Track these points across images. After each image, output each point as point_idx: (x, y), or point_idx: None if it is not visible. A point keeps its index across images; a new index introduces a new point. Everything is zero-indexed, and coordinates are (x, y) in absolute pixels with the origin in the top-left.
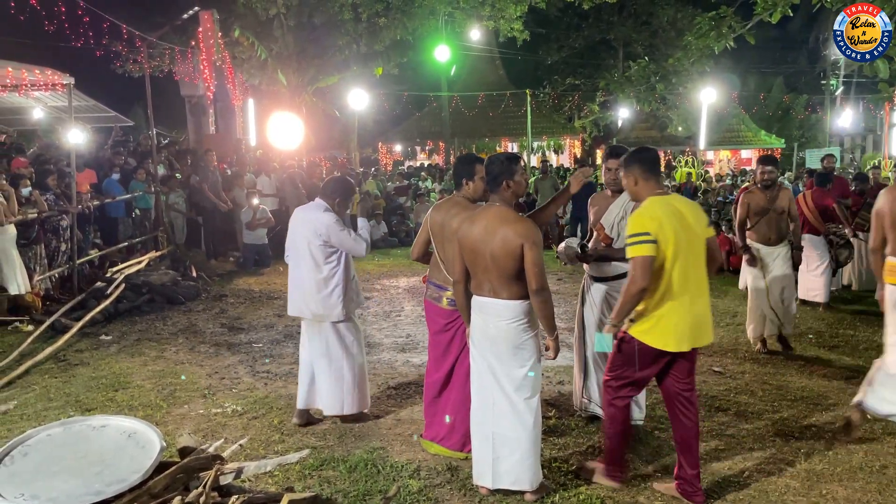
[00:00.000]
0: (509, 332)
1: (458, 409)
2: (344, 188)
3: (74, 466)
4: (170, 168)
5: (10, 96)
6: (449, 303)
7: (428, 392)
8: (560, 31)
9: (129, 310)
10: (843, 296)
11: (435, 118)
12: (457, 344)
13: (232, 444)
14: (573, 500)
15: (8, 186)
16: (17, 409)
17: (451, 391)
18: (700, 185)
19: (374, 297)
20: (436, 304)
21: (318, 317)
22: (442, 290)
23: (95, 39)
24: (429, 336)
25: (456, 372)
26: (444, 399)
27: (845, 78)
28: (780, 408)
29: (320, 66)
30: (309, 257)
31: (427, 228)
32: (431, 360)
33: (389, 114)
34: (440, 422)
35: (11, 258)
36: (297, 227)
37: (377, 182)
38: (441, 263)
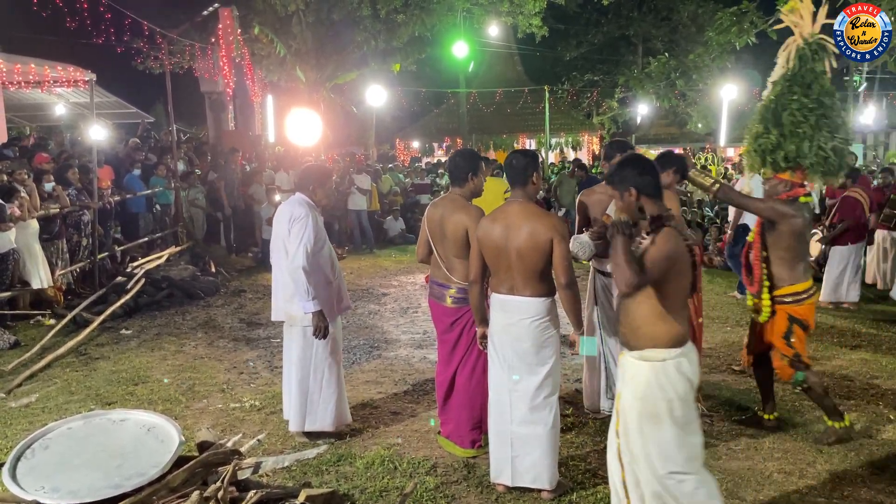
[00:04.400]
0: (532, 329)
1: (462, 407)
2: (317, 175)
3: (94, 459)
4: (189, 164)
5: (33, 93)
6: (453, 301)
7: (440, 390)
8: (579, 27)
9: (149, 304)
10: (867, 295)
11: (452, 115)
12: (463, 342)
13: (250, 439)
14: (590, 498)
15: (30, 182)
16: (38, 402)
17: (457, 389)
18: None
19: (392, 293)
20: (440, 302)
21: (289, 318)
22: (445, 288)
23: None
24: (437, 335)
25: (460, 371)
26: (454, 397)
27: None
28: (800, 408)
29: (338, 63)
30: (284, 252)
31: (425, 228)
32: (441, 358)
33: (407, 110)
34: (451, 419)
35: (34, 253)
36: (276, 223)
37: (394, 176)
38: (440, 261)
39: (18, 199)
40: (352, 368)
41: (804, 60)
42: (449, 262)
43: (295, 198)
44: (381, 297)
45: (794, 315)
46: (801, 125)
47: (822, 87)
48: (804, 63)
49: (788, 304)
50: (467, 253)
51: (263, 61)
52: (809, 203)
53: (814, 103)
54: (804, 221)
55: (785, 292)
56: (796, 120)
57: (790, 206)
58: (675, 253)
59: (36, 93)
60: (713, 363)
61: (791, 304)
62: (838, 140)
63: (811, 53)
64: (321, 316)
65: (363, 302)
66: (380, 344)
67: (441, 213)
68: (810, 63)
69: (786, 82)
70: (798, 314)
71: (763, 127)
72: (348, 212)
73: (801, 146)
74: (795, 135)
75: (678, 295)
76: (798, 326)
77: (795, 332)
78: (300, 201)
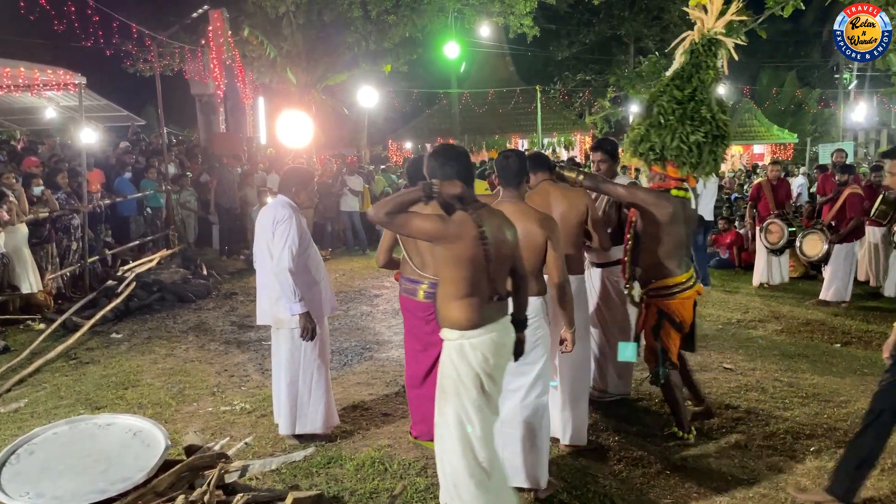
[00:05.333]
0: None
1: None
2: (298, 177)
3: (80, 465)
4: (181, 167)
5: (22, 96)
6: (425, 295)
7: (413, 390)
8: (570, 27)
9: (140, 308)
10: (857, 291)
11: (445, 115)
12: (438, 335)
13: (239, 441)
14: (581, 498)
15: (18, 186)
16: (27, 407)
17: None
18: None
19: (384, 294)
20: (412, 297)
21: (276, 321)
22: (416, 283)
23: (106, 39)
24: (405, 331)
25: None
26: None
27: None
28: (791, 405)
29: (329, 64)
30: (267, 254)
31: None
32: (410, 354)
33: (399, 111)
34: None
35: (23, 257)
36: (259, 227)
37: (387, 177)
38: (409, 260)
39: (7, 203)
40: (343, 370)
41: (695, 55)
42: (422, 257)
43: (277, 200)
44: (372, 298)
45: (664, 309)
46: (669, 118)
47: (702, 83)
48: (694, 57)
49: (659, 298)
50: None
51: (254, 63)
52: (686, 198)
53: (685, 97)
54: (673, 213)
55: (655, 286)
56: (664, 113)
57: (653, 195)
58: (442, 234)
59: (25, 96)
60: (703, 361)
61: (661, 297)
62: (699, 135)
63: (703, 49)
64: (308, 317)
65: (355, 303)
66: (371, 345)
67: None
68: (703, 58)
69: (670, 77)
70: (668, 308)
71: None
72: (340, 213)
73: (665, 138)
74: (661, 127)
75: (458, 282)
76: (668, 322)
77: (664, 327)
78: (283, 203)
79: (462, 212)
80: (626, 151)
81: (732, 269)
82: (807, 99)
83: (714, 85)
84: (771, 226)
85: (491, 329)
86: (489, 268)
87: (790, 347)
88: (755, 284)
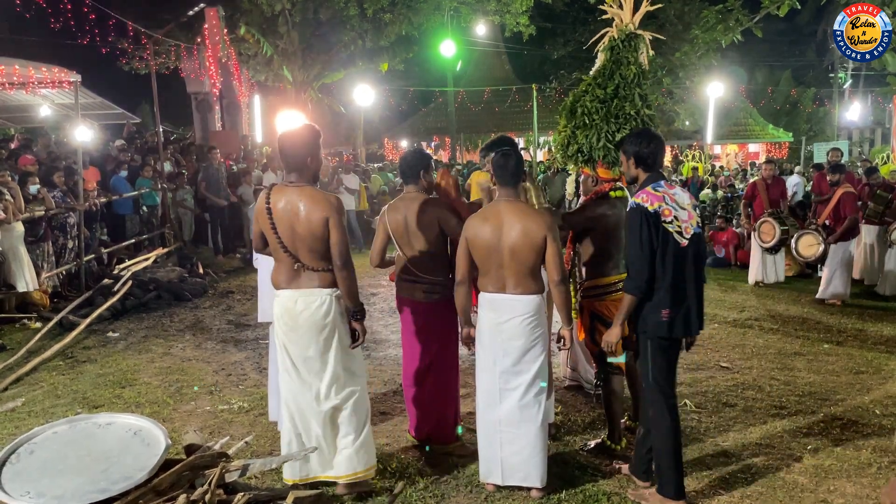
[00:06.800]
0: (524, 327)
1: (443, 404)
2: None
3: (80, 464)
4: (176, 165)
5: (17, 94)
6: (424, 295)
7: (410, 390)
8: (566, 26)
9: (137, 307)
10: (853, 290)
11: (441, 113)
12: (436, 335)
13: (238, 441)
14: (579, 496)
15: (14, 184)
16: (24, 407)
17: (433, 385)
18: (708, 179)
19: (381, 293)
20: (410, 297)
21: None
22: (414, 283)
23: (101, 37)
24: (402, 330)
25: (435, 365)
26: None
27: (854, 71)
28: (787, 403)
29: (325, 63)
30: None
31: (384, 232)
32: (408, 355)
33: (395, 109)
34: (430, 419)
35: (19, 256)
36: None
37: (384, 176)
38: (406, 259)
39: (2, 201)
40: None
41: (615, 51)
42: (419, 258)
43: None
44: (369, 296)
45: (595, 311)
46: (593, 118)
47: (623, 79)
48: (615, 54)
49: (589, 299)
50: (439, 247)
51: (250, 61)
52: (624, 197)
53: (608, 96)
54: (617, 218)
55: (588, 285)
56: (588, 112)
57: (600, 207)
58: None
59: (20, 94)
60: (699, 360)
61: (591, 298)
62: (625, 133)
63: (622, 45)
64: None
65: None
66: (368, 344)
67: (405, 214)
68: (623, 54)
69: (592, 76)
70: (598, 310)
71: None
72: None
73: (591, 139)
74: (587, 127)
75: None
76: (599, 324)
77: (598, 330)
78: None
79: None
80: (557, 153)
81: (728, 267)
82: (802, 98)
83: (638, 80)
84: (763, 225)
85: (282, 294)
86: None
87: (786, 346)
88: (751, 283)
